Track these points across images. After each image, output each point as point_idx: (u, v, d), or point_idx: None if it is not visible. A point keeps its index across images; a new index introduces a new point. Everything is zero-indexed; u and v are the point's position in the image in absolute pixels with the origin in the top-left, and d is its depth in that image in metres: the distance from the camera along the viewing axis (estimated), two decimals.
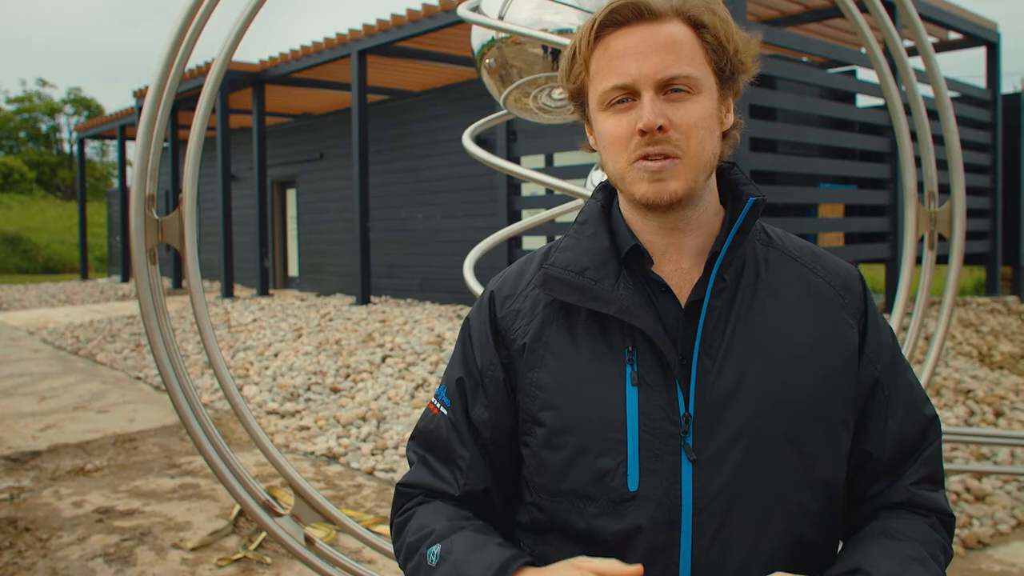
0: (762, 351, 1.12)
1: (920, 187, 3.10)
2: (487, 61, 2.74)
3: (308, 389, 6.95)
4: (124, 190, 18.67)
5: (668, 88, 1.08)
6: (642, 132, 1.07)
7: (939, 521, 1.18)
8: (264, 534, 3.86)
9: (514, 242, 9.22)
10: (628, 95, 1.09)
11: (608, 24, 1.10)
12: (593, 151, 1.21)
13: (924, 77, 3.28)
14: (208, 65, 12.08)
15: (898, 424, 1.18)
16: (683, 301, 1.14)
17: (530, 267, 1.25)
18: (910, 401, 1.20)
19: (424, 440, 1.26)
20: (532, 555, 1.18)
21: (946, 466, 4.33)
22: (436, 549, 1.13)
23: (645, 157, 1.09)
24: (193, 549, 3.82)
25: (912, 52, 8.60)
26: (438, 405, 1.25)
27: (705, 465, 1.08)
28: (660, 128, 1.07)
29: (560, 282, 1.15)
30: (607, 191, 1.24)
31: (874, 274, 14.38)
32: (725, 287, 1.13)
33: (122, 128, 18.52)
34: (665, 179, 1.09)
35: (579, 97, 1.18)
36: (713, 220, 1.18)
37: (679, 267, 1.16)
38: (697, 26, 1.10)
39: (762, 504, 1.09)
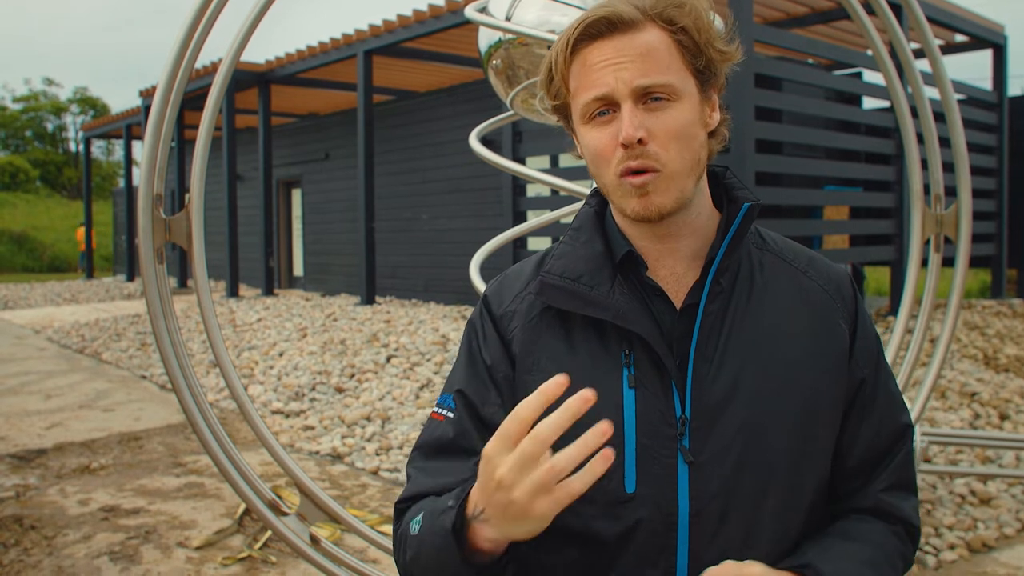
0: (757, 354, 1.13)
1: (926, 189, 3.09)
2: (494, 62, 2.75)
3: (313, 389, 6.96)
4: (130, 189, 18.70)
5: (647, 97, 1.08)
6: (624, 145, 1.08)
7: (904, 531, 1.18)
8: (269, 533, 3.87)
9: (519, 243, 9.22)
10: (608, 106, 1.09)
11: (583, 39, 1.10)
12: (582, 159, 1.21)
13: (930, 79, 3.27)
14: (214, 65, 12.11)
15: (871, 431, 1.19)
16: (678, 305, 1.14)
17: (525, 271, 1.25)
18: (887, 409, 1.20)
19: (427, 451, 1.21)
20: (529, 560, 1.16)
21: (951, 469, 4.33)
22: (419, 517, 1.10)
23: (629, 171, 1.09)
24: (198, 548, 3.83)
25: (919, 54, 8.57)
26: (442, 412, 1.22)
27: (702, 467, 1.09)
28: (640, 141, 1.07)
29: (556, 289, 1.16)
30: (600, 197, 1.24)
31: (879, 276, 14.36)
32: (721, 291, 1.14)
33: (128, 127, 18.56)
34: (649, 193, 1.09)
35: (563, 110, 1.18)
36: (707, 224, 1.18)
37: (674, 271, 1.17)
38: (671, 28, 1.09)
39: (758, 504, 1.10)
